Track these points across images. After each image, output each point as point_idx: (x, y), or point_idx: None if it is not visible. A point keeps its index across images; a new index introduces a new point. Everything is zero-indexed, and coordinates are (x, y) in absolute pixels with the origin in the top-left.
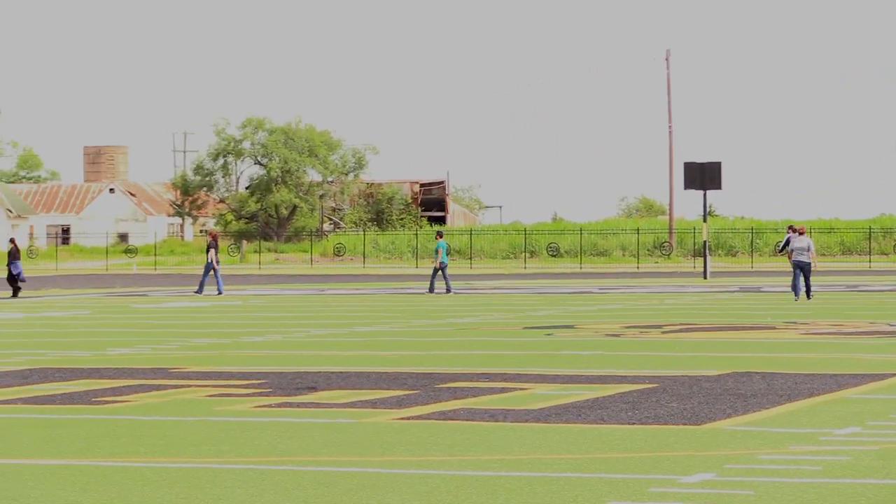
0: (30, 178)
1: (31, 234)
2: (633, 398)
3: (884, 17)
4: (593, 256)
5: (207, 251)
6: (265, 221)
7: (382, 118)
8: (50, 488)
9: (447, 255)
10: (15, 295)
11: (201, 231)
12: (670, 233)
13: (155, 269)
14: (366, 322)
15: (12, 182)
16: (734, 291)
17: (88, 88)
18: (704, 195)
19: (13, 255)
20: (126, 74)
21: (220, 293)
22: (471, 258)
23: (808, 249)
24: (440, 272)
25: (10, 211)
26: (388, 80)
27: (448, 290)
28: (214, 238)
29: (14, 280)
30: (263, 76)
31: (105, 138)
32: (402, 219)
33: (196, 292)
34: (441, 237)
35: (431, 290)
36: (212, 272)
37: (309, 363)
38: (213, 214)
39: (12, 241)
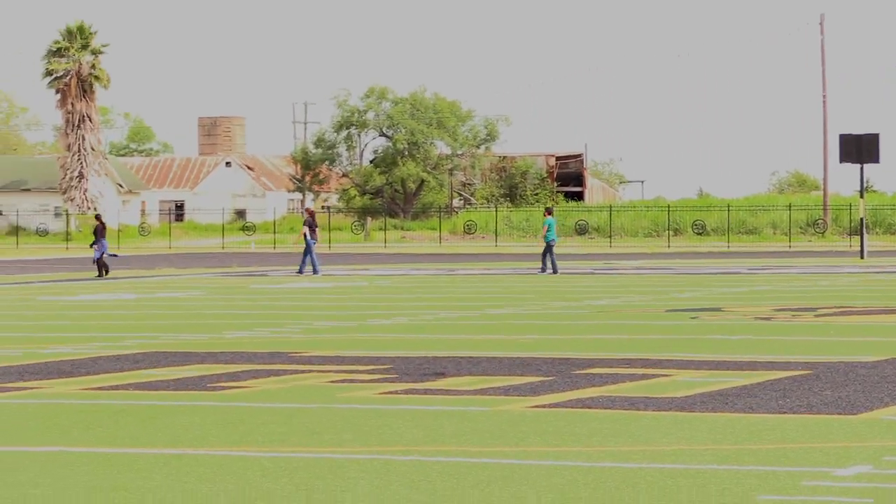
0: (141, 151)
1: (143, 210)
2: (784, 386)
3: None
4: (741, 235)
5: (304, 228)
6: (391, 197)
7: (515, 87)
8: (163, 479)
9: (554, 232)
10: (102, 275)
11: (322, 207)
12: (824, 209)
13: (274, 247)
14: (498, 304)
15: (123, 155)
16: (893, 272)
17: (203, 57)
18: (861, 169)
19: (99, 232)
20: (243, 42)
21: (315, 272)
22: (610, 236)
23: None
24: (549, 251)
25: (121, 186)
26: (522, 46)
27: (554, 271)
28: (312, 215)
29: (99, 261)
30: (384, 43)
31: (221, 109)
32: (536, 194)
33: (297, 272)
34: (550, 214)
35: (543, 269)
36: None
37: (437, 347)
38: (336, 189)
39: (98, 217)
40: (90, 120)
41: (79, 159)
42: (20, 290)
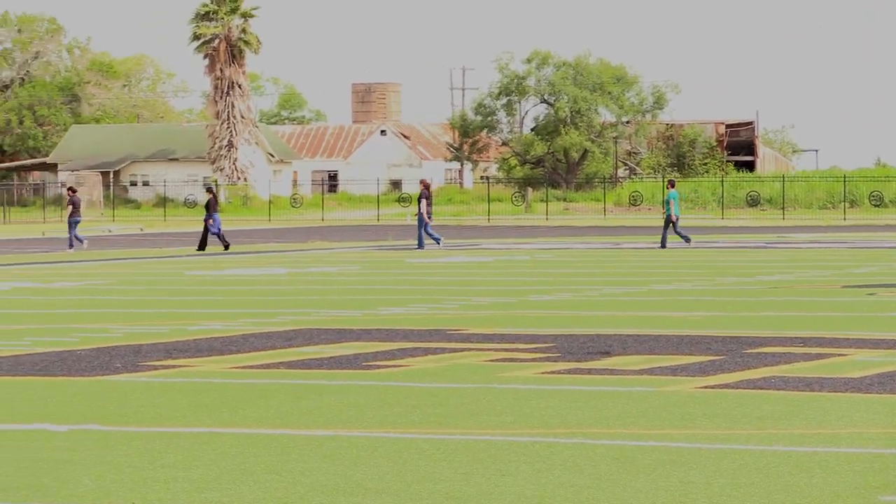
0: (292, 119)
1: (295, 180)
2: None
3: None
4: None
5: (419, 202)
6: (552, 167)
7: (683, 52)
8: (315, 461)
9: (678, 207)
10: (226, 247)
11: (482, 178)
12: None
13: (431, 220)
14: (665, 279)
15: (273, 123)
16: None
17: (357, 20)
18: None
19: (211, 206)
20: (399, 5)
21: (419, 247)
22: (783, 208)
23: None
24: (672, 226)
25: (272, 155)
26: (690, 8)
27: (662, 245)
28: (427, 188)
29: (220, 236)
30: (548, 6)
31: (375, 75)
32: (705, 164)
33: (417, 247)
34: (673, 186)
35: (663, 244)
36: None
37: (602, 325)
38: (495, 159)
39: (209, 189)
40: (239, 86)
41: (228, 127)
42: (168, 264)
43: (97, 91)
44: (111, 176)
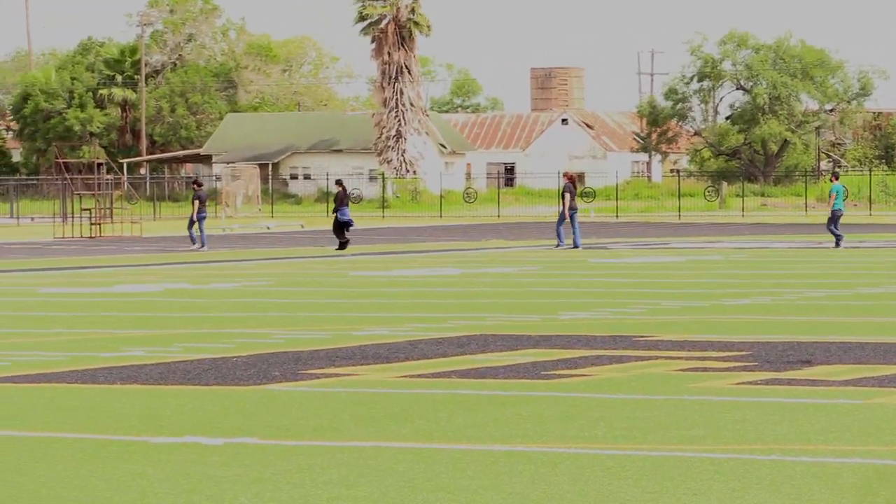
0: (466, 107)
1: (468, 173)
2: None
3: None
4: None
5: (563, 196)
6: (749, 159)
7: (890, 36)
8: (490, 478)
9: (842, 201)
10: (342, 247)
11: (672, 171)
12: None
13: (616, 216)
14: (872, 282)
15: (446, 112)
16: None
17: (535, 0)
18: None
19: (340, 200)
20: None
21: (575, 246)
22: None
23: None
24: (833, 221)
25: (444, 146)
26: None
27: (837, 244)
28: (571, 181)
29: (342, 230)
30: None
31: (556, 59)
32: None
33: (556, 246)
34: (837, 179)
35: (837, 244)
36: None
37: (802, 331)
38: (686, 150)
39: (338, 182)
40: (409, 72)
41: (396, 116)
42: (331, 264)
43: (255, 76)
44: (270, 168)
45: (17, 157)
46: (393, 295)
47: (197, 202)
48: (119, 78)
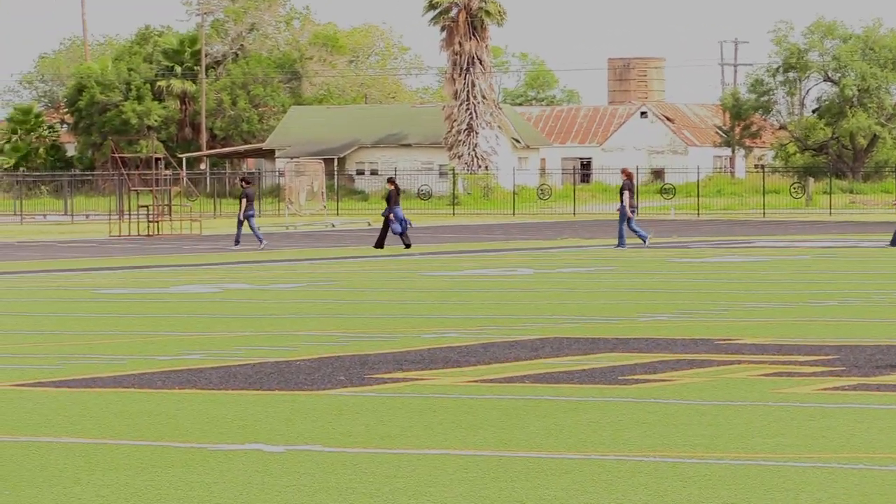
0: (541, 100)
1: (543, 169)
2: None
3: None
4: None
5: (621, 195)
6: (837, 154)
7: None
8: (562, 488)
9: None
10: (407, 245)
11: (756, 167)
12: None
13: (697, 214)
14: None
15: (519, 104)
16: None
17: None
18: None
19: (392, 199)
20: None
21: (618, 244)
22: None
23: None
24: None
25: (517, 141)
26: None
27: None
28: (630, 178)
29: (403, 228)
30: None
31: (634, 49)
32: None
33: (617, 245)
34: None
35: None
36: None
37: (892, 334)
38: (771, 145)
39: (391, 180)
40: (481, 62)
41: (467, 109)
42: (399, 263)
43: (320, 68)
44: (335, 164)
45: (71, 151)
46: (463, 296)
47: (244, 200)
48: (178, 69)
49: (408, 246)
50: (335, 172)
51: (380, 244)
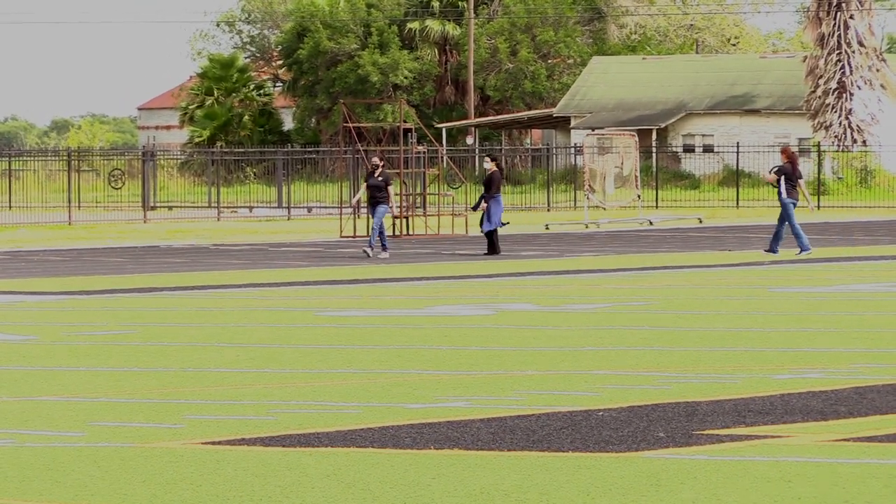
0: None
1: None
2: None
3: None
4: None
5: (778, 183)
6: None
7: None
8: None
9: None
10: (493, 251)
11: None
12: None
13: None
14: None
15: None
16: None
17: None
18: None
19: (493, 184)
20: None
21: (771, 250)
22: None
23: None
24: None
25: None
26: None
27: None
28: (791, 160)
29: (493, 232)
30: None
31: None
32: None
33: (767, 250)
34: None
35: None
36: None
37: None
38: None
39: (493, 158)
40: None
41: (838, 61)
42: (743, 275)
43: (631, 4)
44: (653, 137)
45: (288, 120)
46: (830, 320)
47: (379, 188)
48: (436, 5)
49: (496, 252)
50: (653, 149)
51: (491, 250)
